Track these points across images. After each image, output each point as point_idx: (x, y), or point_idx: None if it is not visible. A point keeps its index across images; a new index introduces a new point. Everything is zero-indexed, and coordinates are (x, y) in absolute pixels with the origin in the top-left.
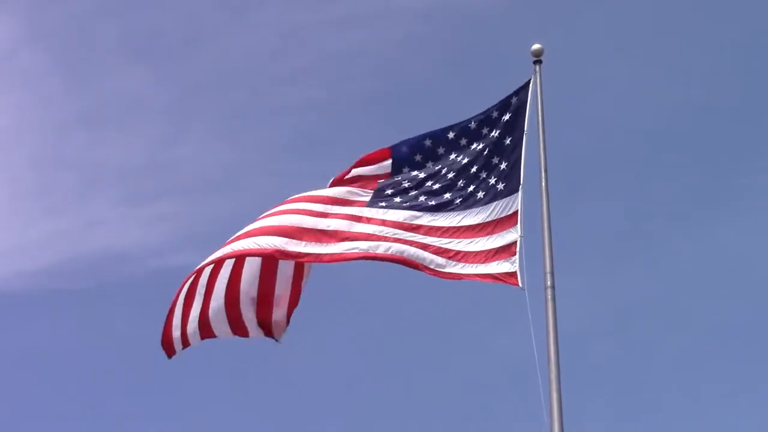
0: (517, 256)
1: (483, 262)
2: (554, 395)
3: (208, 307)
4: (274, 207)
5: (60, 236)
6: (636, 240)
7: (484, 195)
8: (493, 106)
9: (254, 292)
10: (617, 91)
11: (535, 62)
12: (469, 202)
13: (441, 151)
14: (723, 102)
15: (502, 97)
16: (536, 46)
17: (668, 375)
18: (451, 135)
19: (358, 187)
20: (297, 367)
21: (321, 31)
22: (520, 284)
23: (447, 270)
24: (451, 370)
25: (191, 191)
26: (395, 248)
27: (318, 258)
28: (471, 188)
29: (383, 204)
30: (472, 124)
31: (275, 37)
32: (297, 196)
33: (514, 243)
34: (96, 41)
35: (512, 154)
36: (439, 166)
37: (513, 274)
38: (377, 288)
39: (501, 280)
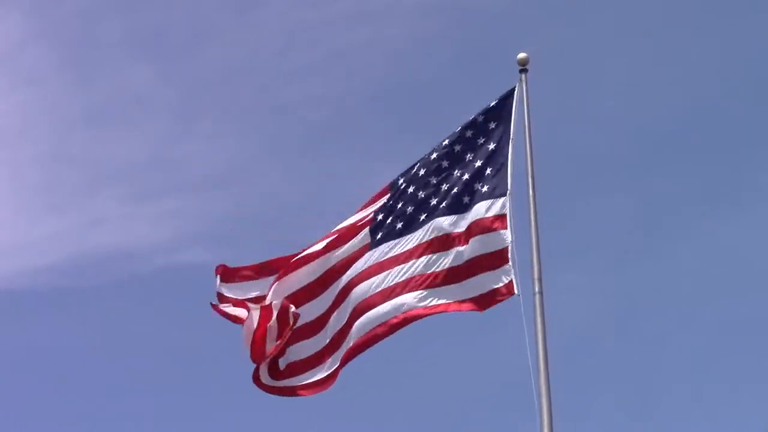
0: (510, 264)
1: (472, 275)
2: (544, 401)
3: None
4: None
5: (65, 234)
6: (640, 238)
7: (469, 199)
8: (474, 117)
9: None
10: (618, 89)
11: (521, 71)
12: (453, 207)
13: (422, 172)
14: (725, 100)
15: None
16: (522, 55)
17: (671, 374)
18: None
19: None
20: None
21: (327, 28)
22: (516, 292)
23: (433, 303)
24: (446, 371)
25: (197, 188)
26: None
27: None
28: (455, 191)
29: (379, 236)
30: (457, 148)
31: (281, 34)
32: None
33: (506, 249)
34: (101, 38)
35: (497, 160)
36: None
37: (508, 285)
38: None
39: (493, 301)
